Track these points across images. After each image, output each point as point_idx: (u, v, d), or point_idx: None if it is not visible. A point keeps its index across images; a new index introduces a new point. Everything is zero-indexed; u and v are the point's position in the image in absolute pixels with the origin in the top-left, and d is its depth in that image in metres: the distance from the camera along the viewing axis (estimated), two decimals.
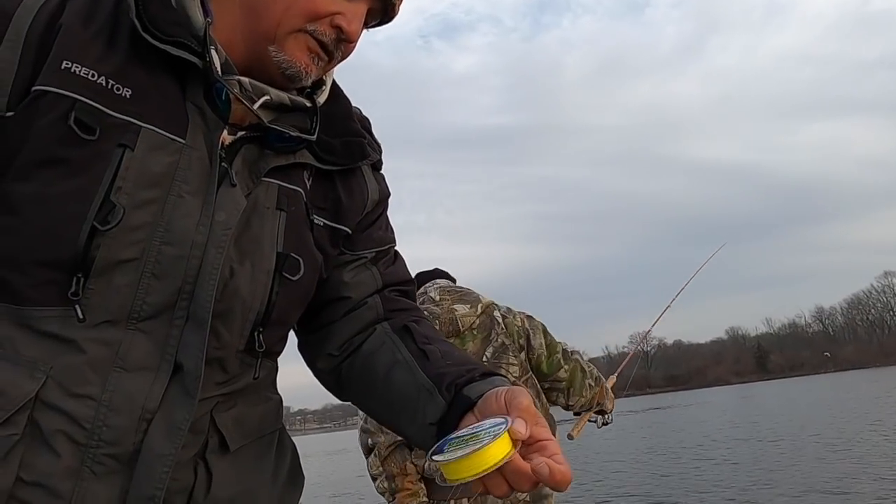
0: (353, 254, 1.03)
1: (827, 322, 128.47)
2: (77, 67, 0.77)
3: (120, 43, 0.81)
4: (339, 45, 0.89)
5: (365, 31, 0.95)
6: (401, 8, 0.95)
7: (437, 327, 2.34)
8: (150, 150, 0.79)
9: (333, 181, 0.99)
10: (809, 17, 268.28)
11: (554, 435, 2.47)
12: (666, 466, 13.05)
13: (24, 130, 0.76)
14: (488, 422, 0.74)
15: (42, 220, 0.75)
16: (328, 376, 1.07)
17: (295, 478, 1.01)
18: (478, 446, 0.68)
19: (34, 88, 0.76)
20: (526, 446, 0.73)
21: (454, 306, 2.42)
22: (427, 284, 2.64)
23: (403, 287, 1.09)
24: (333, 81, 1.03)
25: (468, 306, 2.44)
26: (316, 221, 0.96)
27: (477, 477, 0.68)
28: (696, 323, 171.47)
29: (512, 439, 0.70)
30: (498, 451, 0.68)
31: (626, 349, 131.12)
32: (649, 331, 3.45)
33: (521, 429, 0.71)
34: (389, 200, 1.11)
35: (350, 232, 1.01)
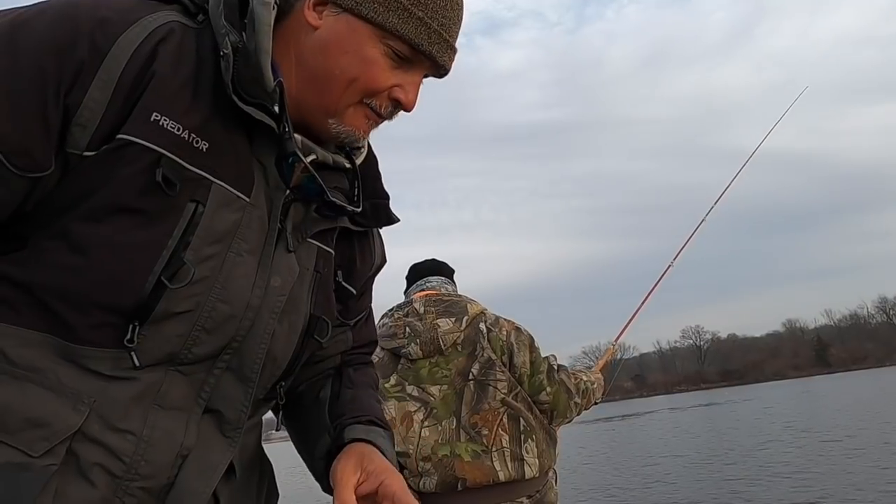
0: (343, 322, 1.06)
1: (891, 312, 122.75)
2: (165, 121, 0.78)
3: (203, 95, 0.82)
4: (394, 113, 0.92)
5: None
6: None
7: (419, 346, 2.33)
8: (218, 207, 0.81)
9: (352, 240, 1.03)
10: None
11: (555, 449, 2.43)
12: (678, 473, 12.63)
13: (104, 174, 0.76)
14: None
15: (111, 265, 0.76)
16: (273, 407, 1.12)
17: (271, 495, 1.05)
18: None
19: (120, 136, 0.76)
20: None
21: (438, 321, 2.36)
22: (415, 287, 2.59)
23: (366, 348, 1.16)
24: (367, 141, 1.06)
25: (453, 320, 2.37)
26: (338, 279, 1.00)
27: None
28: (751, 315, 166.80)
29: None
30: None
31: (677, 343, 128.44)
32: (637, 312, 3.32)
33: None
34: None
35: (354, 293, 1.04)
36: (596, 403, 2.65)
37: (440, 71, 0.93)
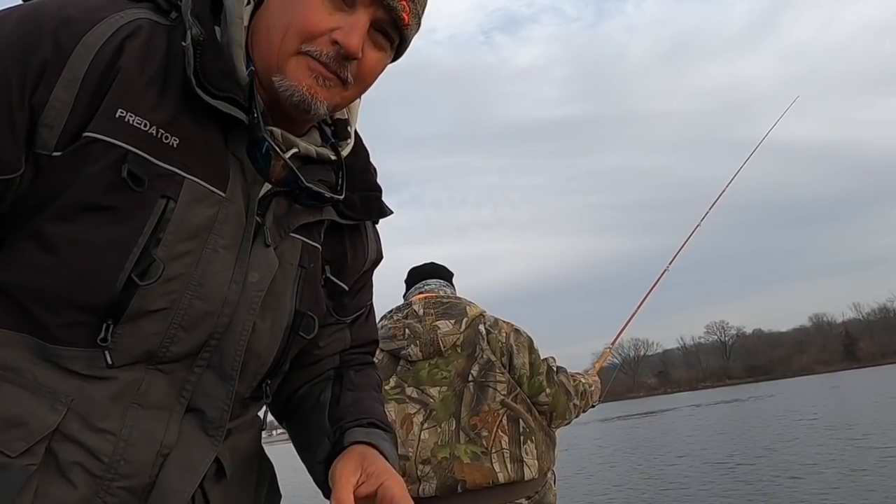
0: (338, 319, 1.05)
1: None
2: (131, 117, 0.77)
3: (171, 90, 0.81)
4: (344, 65, 0.86)
5: (391, 63, 0.93)
6: (414, 20, 0.90)
7: (419, 348, 2.34)
8: (191, 203, 0.80)
9: (342, 235, 1.02)
10: None
11: (554, 450, 2.45)
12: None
13: (71, 173, 0.76)
14: None
15: (81, 264, 0.76)
16: (274, 408, 1.12)
17: (272, 497, 1.05)
18: None
19: (86, 134, 0.76)
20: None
21: (437, 322, 2.37)
22: (414, 290, 2.61)
23: (366, 348, 1.14)
24: (356, 132, 1.04)
25: (452, 321, 2.38)
26: (326, 275, 0.99)
27: None
28: (777, 310, 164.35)
29: None
30: None
31: (701, 339, 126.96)
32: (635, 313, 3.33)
33: None
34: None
35: (346, 289, 1.02)
36: (593, 406, 2.65)
37: (388, 11, 0.86)
